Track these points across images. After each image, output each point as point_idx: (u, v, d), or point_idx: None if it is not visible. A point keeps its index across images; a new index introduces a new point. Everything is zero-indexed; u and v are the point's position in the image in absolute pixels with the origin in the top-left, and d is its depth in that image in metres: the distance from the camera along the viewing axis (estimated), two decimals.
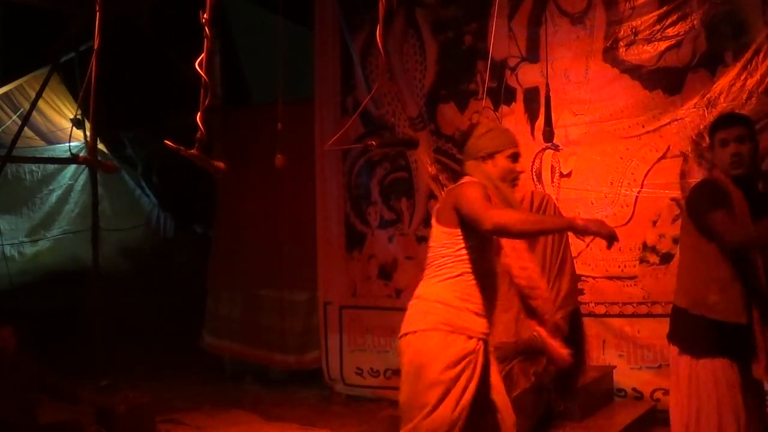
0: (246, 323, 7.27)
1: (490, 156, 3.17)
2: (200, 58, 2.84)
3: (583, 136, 5.37)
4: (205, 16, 2.89)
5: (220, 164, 3.01)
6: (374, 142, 3.70)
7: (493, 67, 5.48)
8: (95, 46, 3.08)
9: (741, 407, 3.17)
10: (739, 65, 4.87)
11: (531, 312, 3.80)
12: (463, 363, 2.97)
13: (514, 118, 5.62)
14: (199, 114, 2.86)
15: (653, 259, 5.10)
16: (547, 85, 5.16)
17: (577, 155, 5.41)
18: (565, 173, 5.44)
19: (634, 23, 5.18)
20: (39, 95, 7.88)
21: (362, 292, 6.47)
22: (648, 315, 5.13)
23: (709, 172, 3.45)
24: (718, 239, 3.13)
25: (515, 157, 3.22)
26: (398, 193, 6.26)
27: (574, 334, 4.21)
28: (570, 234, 4.52)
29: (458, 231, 3.05)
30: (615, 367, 5.08)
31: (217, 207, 7.76)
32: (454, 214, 3.05)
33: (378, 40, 3.03)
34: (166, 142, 2.81)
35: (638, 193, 5.15)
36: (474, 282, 3.05)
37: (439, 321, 3.02)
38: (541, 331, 4.05)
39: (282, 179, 6.56)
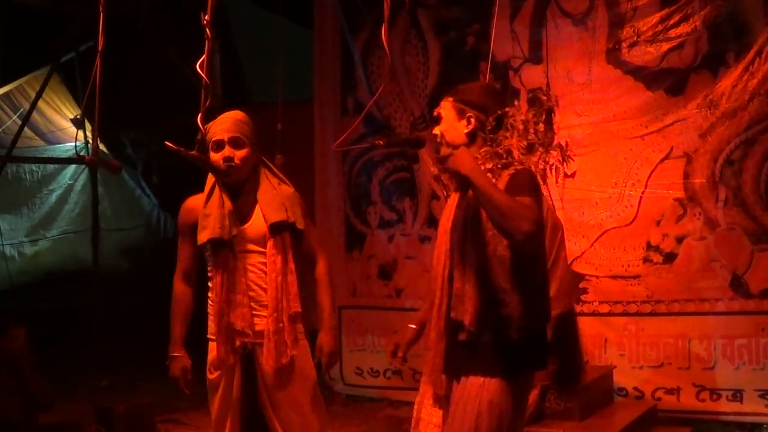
0: None
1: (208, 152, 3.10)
2: (201, 59, 2.82)
3: (587, 136, 5.38)
4: (206, 17, 2.88)
5: (221, 165, 3.00)
6: (382, 141, 3.66)
7: (496, 68, 5.49)
8: (99, 47, 3.06)
9: None
10: (740, 66, 4.89)
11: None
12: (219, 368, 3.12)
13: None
14: (199, 115, 2.85)
15: (657, 258, 5.12)
16: (548, 85, 5.17)
17: (581, 156, 5.41)
18: (569, 174, 5.44)
19: (636, 24, 5.19)
20: (39, 95, 7.87)
21: (362, 292, 6.46)
22: (652, 314, 5.17)
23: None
24: None
25: (218, 145, 3.04)
26: (401, 193, 6.25)
27: (563, 337, 4.20)
28: (565, 234, 4.53)
29: None
30: (615, 366, 5.09)
31: None
32: None
33: (383, 39, 3.01)
34: (167, 143, 2.79)
35: (642, 193, 5.17)
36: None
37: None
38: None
39: None
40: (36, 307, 8.98)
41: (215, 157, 3.04)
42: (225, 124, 3.07)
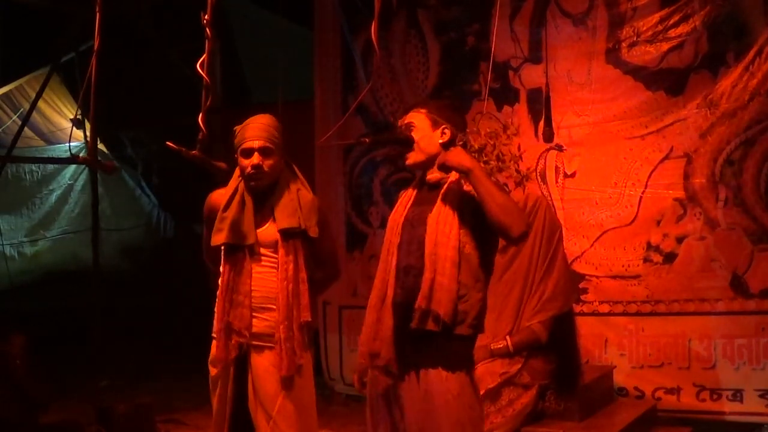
0: None
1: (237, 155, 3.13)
2: (201, 59, 2.83)
3: (587, 136, 5.38)
4: (206, 17, 2.88)
5: (222, 165, 3.00)
6: (367, 139, 3.71)
7: (496, 67, 5.49)
8: (95, 46, 3.07)
9: None
10: (740, 66, 4.89)
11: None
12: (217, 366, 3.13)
13: (517, 119, 5.62)
14: (200, 115, 2.85)
15: (657, 258, 5.13)
16: (547, 85, 5.19)
17: (581, 156, 5.42)
18: (569, 174, 5.45)
19: (636, 24, 5.19)
20: (39, 95, 7.88)
21: (362, 292, 6.44)
22: (652, 314, 5.16)
23: None
24: None
25: (247, 153, 3.07)
26: None
27: (561, 337, 4.20)
28: (564, 233, 4.52)
29: None
30: (615, 366, 5.09)
31: None
32: None
33: (373, 36, 3.02)
34: (168, 143, 2.80)
35: (642, 193, 5.17)
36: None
37: None
38: (509, 339, 4.05)
39: None
40: (36, 307, 8.99)
41: (244, 162, 3.08)
42: (255, 132, 3.07)
